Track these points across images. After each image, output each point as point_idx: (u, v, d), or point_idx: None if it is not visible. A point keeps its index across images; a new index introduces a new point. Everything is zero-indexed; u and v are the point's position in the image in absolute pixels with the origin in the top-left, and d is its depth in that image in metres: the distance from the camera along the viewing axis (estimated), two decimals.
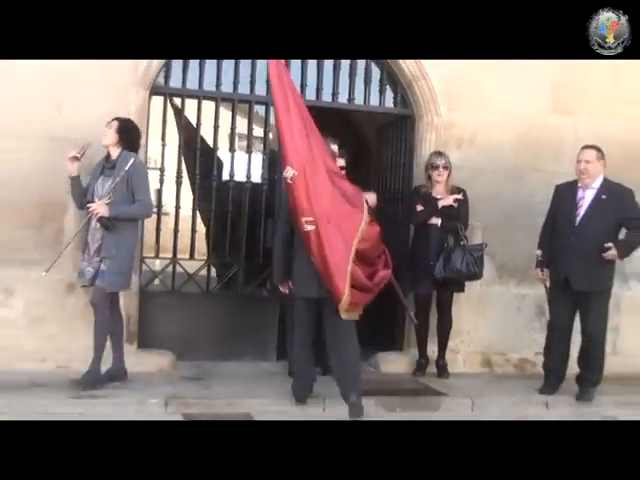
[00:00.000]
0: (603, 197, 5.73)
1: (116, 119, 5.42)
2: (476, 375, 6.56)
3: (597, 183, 5.76)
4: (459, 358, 6.66)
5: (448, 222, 6.11)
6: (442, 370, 6.38)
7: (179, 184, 6.35)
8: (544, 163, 6.64)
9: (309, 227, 4.88)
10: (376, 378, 6.25)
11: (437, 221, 6.11)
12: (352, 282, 4.85)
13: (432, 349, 6.45)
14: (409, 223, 6.42)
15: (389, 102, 6.76)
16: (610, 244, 5.57)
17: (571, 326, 5.84)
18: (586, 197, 5.79)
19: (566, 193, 5.88)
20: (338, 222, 4.88)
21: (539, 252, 5.97)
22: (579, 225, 5.76)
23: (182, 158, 6.41)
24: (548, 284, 6.02)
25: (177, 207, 6.39)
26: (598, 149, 5.77)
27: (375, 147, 7.02)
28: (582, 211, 5.77)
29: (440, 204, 6.12)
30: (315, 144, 4.98)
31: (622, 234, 5.88)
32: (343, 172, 5.51)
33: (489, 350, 6.77)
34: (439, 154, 6.23)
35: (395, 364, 6.61)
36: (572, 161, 5.92)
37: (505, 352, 6.83)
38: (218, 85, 6.30)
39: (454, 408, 5.63)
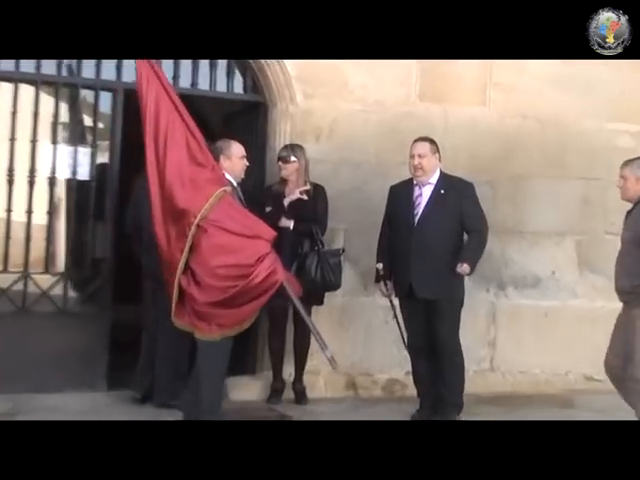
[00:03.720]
0: (442, 192, 5.70)
1: None
2: (339, 400, 6.38)
3: (434, 178, 5.71)
4: (320, 381, 6.43)
5: (301, 224, 5.88)
6: (300, 395, 6.18)
7: (10, 182, 6.04)
8: None
9: None
10: (223, 407, 5.76)
11: (289, 223, 5.88)
12: (185, 294, 4.92)
13: (289, 371, 6.24)
14: None
15: (238, 87, 6.60)
16: (464, 265, 5.54)
17: (430, 343, 5.76)
18: (424, 194, 5.73)
19: (401, 193, 5.80)
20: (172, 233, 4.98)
21: (379, 265, 5.83)
22: (418, 225, 5.68)
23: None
24: (395, 300, 5.89)
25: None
26: (432, 141, 5.74)
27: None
28: (420, 209, 5.71)
29: (286, 201, 5.86)
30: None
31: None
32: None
33: (353, 371, 6.56)
34: (286, 147, 6.07)
35: (246, 390, 6.33)
36: (442, 152, 5.82)
37: (371, 372, 6.64)
38: (38, 67, 6.01)
39: None
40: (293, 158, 5.92)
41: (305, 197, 5.84)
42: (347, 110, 6.44)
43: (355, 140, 6.46)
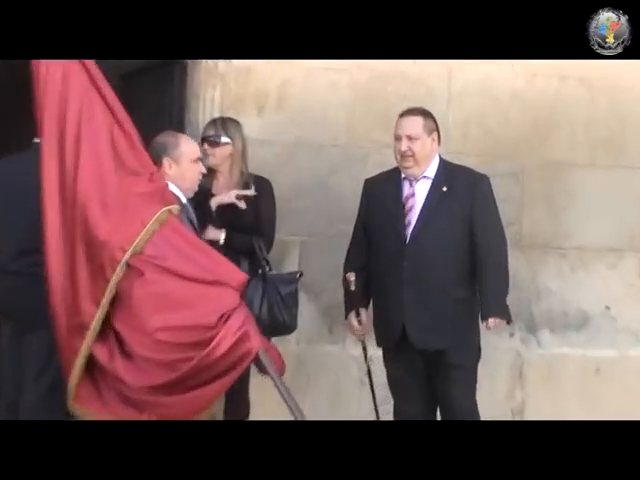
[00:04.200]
0: (444, 189, 4.89)
1: None
2: None
3: (431, 169, 4.89)
4: None
5: (237, 236, 4.99)
6: None
7: None
8: None
9: None
10: None
11: (218, 235, 4.99)
12: (102, 372, 4.25)
13: None
14: None
15: None
16: (490, 321, 4.77)
17: (430, 411, 4.95)
18: (417, 192, 4.89)
19: (384, 191, 4.99)
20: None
21: (351, 275, 4.92)
22: (412, 241, 4.84)
23: None
24: (371, 346, 5.02)
25: None
26: (426, 114, 4.92)
27: None
28: (414, 216, 4.88)
29: (214, 203, 4.98)
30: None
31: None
32: None
33: None
34: (214, 122, 5.26)
35: None
36: (445, 131, 5.02)
37: None
38: None
39: None
40: (225, 139, 5.01)
41: (243, 205, 4.94)
42: (304, 68, 5.49)
43: (316, 112, 5.55)
